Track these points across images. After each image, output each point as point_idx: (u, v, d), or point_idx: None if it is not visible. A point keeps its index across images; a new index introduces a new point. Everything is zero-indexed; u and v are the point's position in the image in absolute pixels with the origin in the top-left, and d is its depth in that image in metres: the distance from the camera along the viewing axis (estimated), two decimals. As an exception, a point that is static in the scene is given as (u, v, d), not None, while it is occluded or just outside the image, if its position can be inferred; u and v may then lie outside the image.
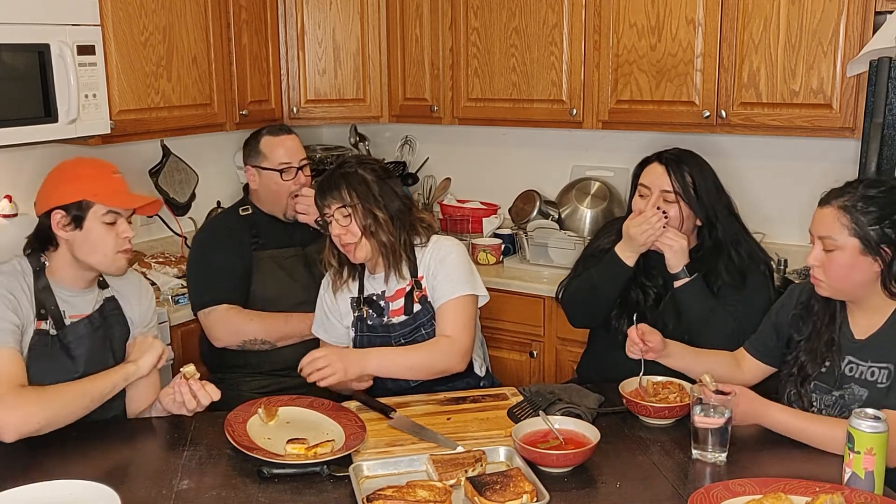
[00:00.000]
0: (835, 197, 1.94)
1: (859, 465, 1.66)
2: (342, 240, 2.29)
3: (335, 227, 2.29)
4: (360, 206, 2.27)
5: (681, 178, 2.35)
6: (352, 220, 2.28)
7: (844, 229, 1.89)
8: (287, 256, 2.71)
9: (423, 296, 2.34)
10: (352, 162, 2.36)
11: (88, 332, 2.12)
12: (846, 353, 1.98)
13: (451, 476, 1.73)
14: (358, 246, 2.29)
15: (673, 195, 2.35)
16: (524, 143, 3.92)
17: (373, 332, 2.37)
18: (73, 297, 2.12)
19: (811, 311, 2.07)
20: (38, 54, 2.69)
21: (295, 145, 2.75)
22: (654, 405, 2.02)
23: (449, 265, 2.32)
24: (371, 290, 2.40)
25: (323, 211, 2.31)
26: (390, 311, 2.37)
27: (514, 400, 2.16)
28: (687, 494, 1.67)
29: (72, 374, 2.06)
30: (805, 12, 2.92)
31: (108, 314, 2.17)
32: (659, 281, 2.43)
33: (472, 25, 3.60)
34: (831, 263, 1.92)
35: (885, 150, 2.54)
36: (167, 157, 3.59)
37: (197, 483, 1.79)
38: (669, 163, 2.38)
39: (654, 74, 3.23)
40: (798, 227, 3.32)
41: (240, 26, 3.49)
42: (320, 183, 2.34)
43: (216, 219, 2.83)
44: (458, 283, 2.31)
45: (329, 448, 1.86)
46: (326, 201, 2.29)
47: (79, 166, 2.15)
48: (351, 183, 2.29)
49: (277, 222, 2.75)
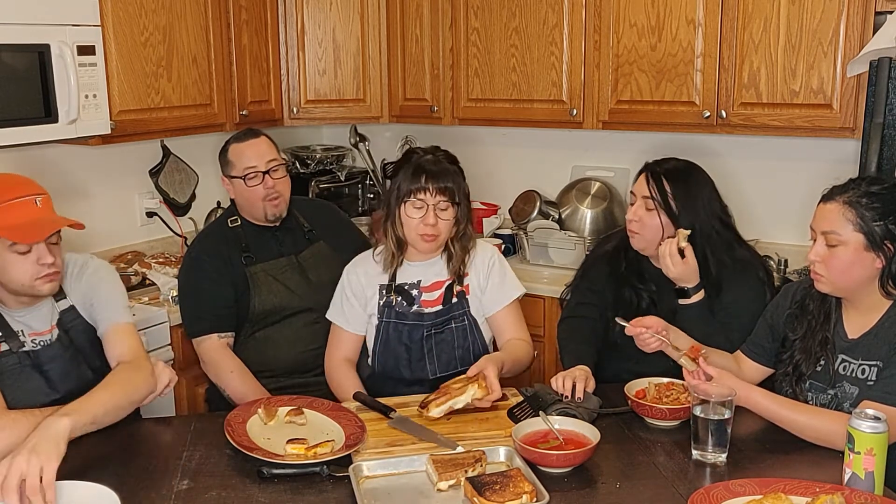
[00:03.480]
0: (839, 192, 1.94)
1: (859, 466, 1.66)
2: (430, 230, 2.29)
3: (430, 217, 2.28)
4: (463, 205, 2.33)
5: (660, 186, 2.35)
6: (453, 216, 2.31)
7: (849, 224, 1.89)
8: (280, 267, 2.66)
9: (462, 291, 2.39)
10: (442, 155, 2.35)
11: (59, 352, 2.06)
12: (839, 352, 1.99)
13: (450, 476, 1.73)
14: (439, 239, 2.32)
15: (652, 202, 2.35)
16: (524, 143, 3.92)
17: (401, 319, 2.38)
18: (24, 315, 2.04)
19: (806, 310, 2.07)
20: (38, 54, 2.69)
21: (260, 149, 2.63)
22: (669, 406, 2.02)
23: (497, 269, 2.43)
24: (403, 280, 2.40)
25: (420, 196, 2.28)
26: (422, 300, 2.38)
27: (514, 400, 2.16)
28: (687, 495, 1.67)
29: (51, 395, 2.02)
30: (805, 12, 2.92)
31: (68, 327, 2.09)
32: (651, 287, 2.43)
33: (473, 25, 3.60)
34: (833, 259, 1.92)
35: (885, 150, 2.54)
36: (167, 157, 3.60)
37: (197, 483, 1.79)
38: (653, 171, 2.39)
39: (655, 74, 3.23)
40: (797, 227, 3.31)
41: (240, 26, 3.49)
42: (426, 170, 2.29)
43: (204, 238, 2.74)
44: (510, 287, 2.44)
45: (329, 448, 1.86)
46: (432, 190, 2.28)
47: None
48: (455, 179, 2.32)
49: (266, 231, 2.69)
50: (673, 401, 2.04)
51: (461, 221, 2.35)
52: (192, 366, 2.91)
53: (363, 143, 4.15)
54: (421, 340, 2.37)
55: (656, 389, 2.10)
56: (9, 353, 2.01)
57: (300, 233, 2.75)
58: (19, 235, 1.91)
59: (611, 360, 2.39)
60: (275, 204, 2.62)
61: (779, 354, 2.13)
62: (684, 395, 2.05)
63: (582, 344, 2.38)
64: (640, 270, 2.46)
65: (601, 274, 2.52)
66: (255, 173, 2.59)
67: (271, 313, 2.63)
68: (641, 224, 2.37)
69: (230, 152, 2.64)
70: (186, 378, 3.03)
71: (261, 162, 2.60)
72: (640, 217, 2.37)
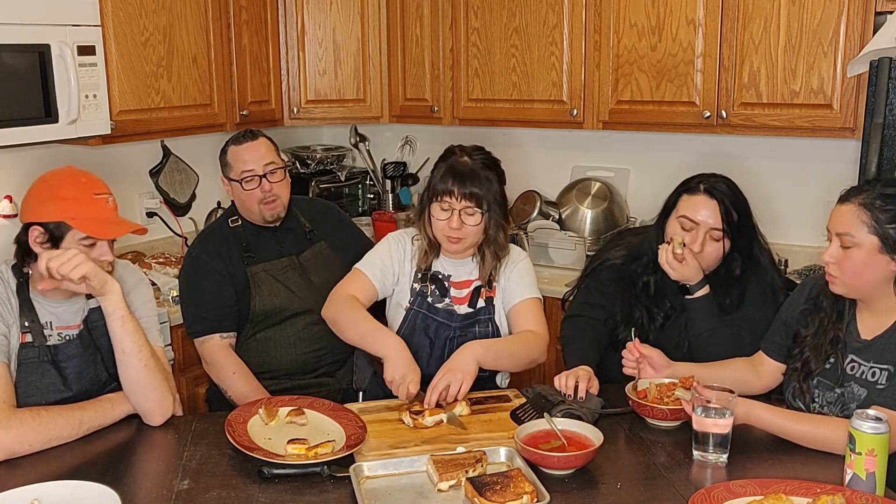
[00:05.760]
0: (854, 194, 1.92)
1: (860, 466, 1.66)
2: (455, 234, 2.27)
3: (455, 221, 2.26)
4: (490, 213, 2.28)
5: (731, 215, 2.26)
6: (479, 223, 2.27)
7: (864, 226, 1.88)
8: (281, 268, 2.66)
9: (490, 296, 2.37)
10: (480, 158, 2.30)
11: (79, 350, 2.08)
12: (850, 352, 1.98)
13: (451, 476, 1.73)
14: (465, 242, 2.30)
15: (721, 233, 2.26)
16: (524, 143, 3.92)
17: (432, 311, 2.36)
18: (57, 307, 2.08)
19: (820, 307, 2.06)
20: (38, 55, 2.69)
21: (258, 152, 2.59)
22: (670, 407, 2.01)
23: (522, 269, 2.40)
24: (438, 269, 2.39)
25: (447, 199, 2.25)
26: (452, 296, 2.37)
27: (518, 402, 2.16)
28: (688, 495, 1.66)
29: (63, 393, 2.04)
30: (805, 12, 2.92)
31: (93, 326, 2.11)
32: (667, 305, 2.38)
33: (473, 25, 3.60)
34: (847, 260, 1.91)
35: (885, 151, 2.54)
36: (167, 157, 3.60)
37: (197, 483, 1.79)
38: (724, 198, 2.27)
39: (655, 75, 3.23)
40: (798, 227, 3.33)
41: (240, 26, 3.49)
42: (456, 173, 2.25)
43: (205, 237, 2.73)
44: (529, 287, 2.39)
45: (329, 448, 1.86)
46: (458, 195, 2.24)
47: (62, 185, 2.04)
48: (488, 186, 2.26)
49: (267, 231, 2.68)
50: (674, 401, 2.04)
51: (491, 228, 2.30)
52: (193, 366, 2.92)
53: (363, 143, 4.16)
54: (446, 339, 2.36)
55: (657, 390, 2.10)
56: (31, 345, 2.03)
57: (301, 233, 2.74)
58: (98, 230, 2.01)
59: (613, 360, 2.38)
60: (271, 207, 2.62)
61: (790, 349, 2.13)
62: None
63: (586, 343, 2.36)
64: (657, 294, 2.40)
65: (610, 280, 2.47)
66: (252, 177, 2.58)
67: (272, 314, 2.62)
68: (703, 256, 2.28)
69: (228, 154, 2.64)
70: (187, 378, 3.03)
71: (258, 165, 2.58)
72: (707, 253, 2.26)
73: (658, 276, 2.37)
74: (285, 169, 2.66)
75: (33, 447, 1.89)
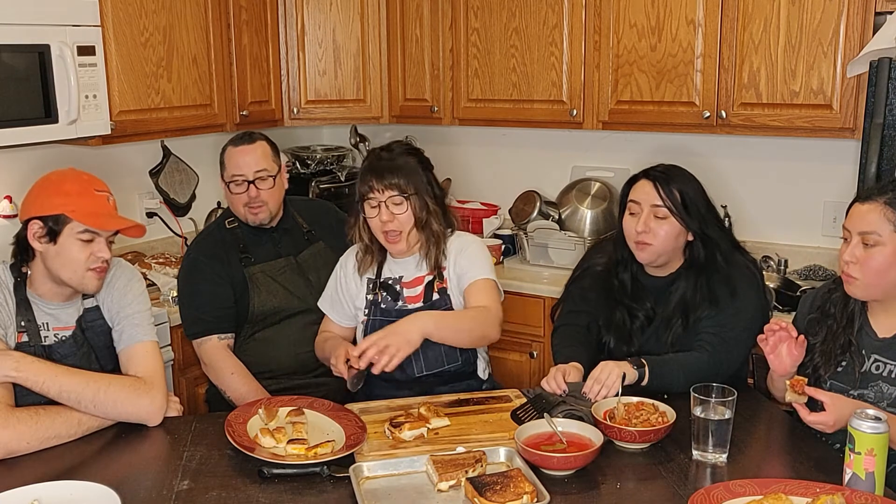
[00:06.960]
0: (878, 193, 1.90)
1: (860, 466, 1.66)
2: (387, 226, 2.29)
3: (384, 214, 2.27)
4: (417, 195, 2.29)
5: (669, 192, 2.29)
6: (407, 209, 2.28)
7: (890, 225, 1.86)
8: (279, 268, 2.66)
9: (443, 287, 2.37)
10: (399, 149, 2.34)
11: (73, 349, 2.10)
12: (871, 352, 1.97)
13: (451, 477, 1.73)
14: (402, 235, 2.30)
15: (664, 210, 2.28)
16: (524, 143, 3.92)
17: (386, 316, 2.36)
18: (55, 309, 2.10)
19: (827, 314, 2.05)
20: (38, 55, 2.69)
21: (253, 156, 2.59)
22: (639, 429, 1.88)
23: (472, 253, 2.39)
24: (388, 275, 2.40)
25: (371, 195, 2.28)
26: (405, 297, 2.38)
27: (518, 402, 2.16)
28: (687, 495, 1.66)
29: None
30: (805, 13, 2.92)
31: (87, 326, 2.13)
32: (647, 304, 2.36)
33: (473, 26, 3.60)
34: (870, 259, 1.88)
35: (885, 151, 2.54)
36: (167, 157, 3.60)
37: (197, 483, 1.79)
38: (658, 178, 2.31)
39: (655, 75, 3.23)
40: (798, 227, 3.33)
41: (240, 27, 3.49)
42: (373, 168, 2.29)
43: (202, 240, 2.73)
44: (482, 268, 2.37)
45: (329, 448, 1.86)
46: (379, 187, 2.26)
47: (65, 181, 2.08)
48: (407, 171, 2.28)
49: (264, 232, 2.68)
50: (643, 422, 1.92)
51: (420, 212, 2.30)
52: (192, 366, 2.92)
53: (363, 143, 4.15)
54: None
55: (626, 409, 1.97)
56: (27, 345, 2.04)
57: (299, 233, 2.74)
58: (97, 223, 2.04)
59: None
60: (255, 212, 2.62)
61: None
62: (655, 416, 1.94)
63: (574, 347, 2.35)
64: (635, 289, 2.38)
65: (592, 286, 2.46)
66: (240, 181, 2.59)
67: (270, 314, 2.63)
68: (653, 234, 2.28)
69: (225, 155, 2.66)
70: (186, 379, 3.03)
71: (248, 171, 2.58)
72: (650, 228, 2.28)
73: (633, 271, 2.38)
74: (278, 176, 2.66)
75: (31, 446, 1.90)
